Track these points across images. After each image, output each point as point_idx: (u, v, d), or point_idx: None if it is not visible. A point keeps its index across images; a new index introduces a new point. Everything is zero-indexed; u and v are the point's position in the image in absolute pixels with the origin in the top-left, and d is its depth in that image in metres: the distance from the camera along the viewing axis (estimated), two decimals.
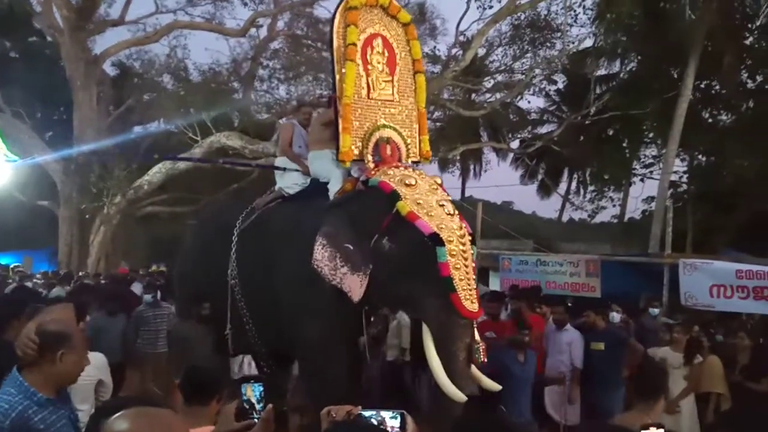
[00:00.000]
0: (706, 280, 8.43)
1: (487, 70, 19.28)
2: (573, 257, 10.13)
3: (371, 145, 4.87)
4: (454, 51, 17.66)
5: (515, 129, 22.72)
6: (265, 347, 5.28)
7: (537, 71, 17.78)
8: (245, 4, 17.16)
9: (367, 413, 1.85)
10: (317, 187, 5.14)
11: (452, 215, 4.25)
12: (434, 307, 4.04)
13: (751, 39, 16.40)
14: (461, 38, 17.39)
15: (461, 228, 4.21)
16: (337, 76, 4.85)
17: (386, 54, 5.11)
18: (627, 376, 6.15)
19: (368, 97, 4.97)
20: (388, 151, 4.85)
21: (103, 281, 11.06)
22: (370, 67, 4.99)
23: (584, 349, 6.06)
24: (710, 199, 17.28)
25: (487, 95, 19.34)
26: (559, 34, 16.58)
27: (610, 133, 19.81)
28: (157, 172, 14.95)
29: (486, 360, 4.19)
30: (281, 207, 5.28)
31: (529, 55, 17.71)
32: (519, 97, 19.18)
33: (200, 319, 5.63)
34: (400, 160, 4.85)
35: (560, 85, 21.86)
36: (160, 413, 1.35)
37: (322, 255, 4.29)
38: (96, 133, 15.56)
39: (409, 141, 5.10)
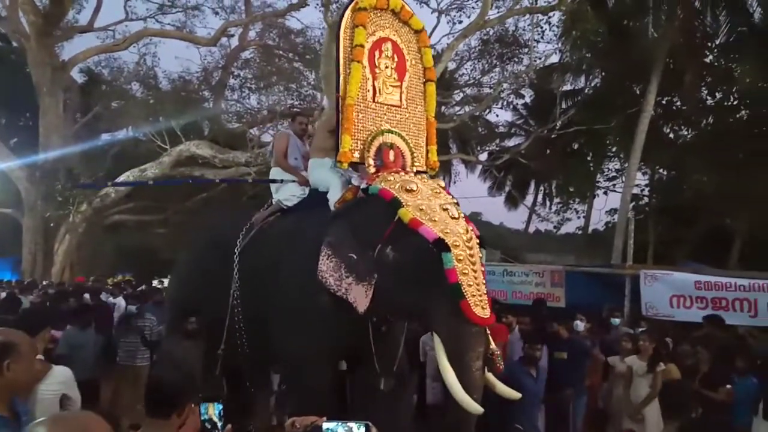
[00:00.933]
0: (667, 290, 8.70)
1: (456, 83, 19.54)
2: (538, 268, 10.34)
3: (373, 149, 4.70)
4: None
5: (484, 142, 23.02)
6: (256, 365, 5.12)
7: (505, 85, 18.10)
8: (216, 14, 17.15)
9: (331, 424, 1.90)
10: (317, 197, 4.97)
11: (457, 219, 4.13)
12: (444, 316, 3.89)
13: (711, 57, 16.92)
14: (432, 52, 17.61)
15: (468, 231, 4.09)
16: (342, 76, 4.70)
17: (396, 59, 4.96)
18: (588, 385, 6.33)
19: (373, 101, 4.81)
20: (391, 157, 4.69)
21: (70, 290, 10.82)
22: (377, 70, 4.84)
23: (548, 358, 6.20)
24: (671, 212, 17.76)
25: (457, 108, 19.61)
26: (526, 50, 16.94)
27: (575, 146, 20.21)
28: (125, 180, 14.76)
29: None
30: (280, 220, 5.12)
31: (497, 69, 18.05)
32: (487, 110, 19.48)
33: (186, 334, 5.40)
34: (404, 168, 4.69)
35: (527, 100, 22.26)
36: (78, 417, 1.37)
37: (327, 266, 4.16)
38: (62, 140, 15.30)
39: (414, 149, 4.94)
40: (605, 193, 21.25)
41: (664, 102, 17.37)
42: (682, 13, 15.02)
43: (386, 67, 4.90)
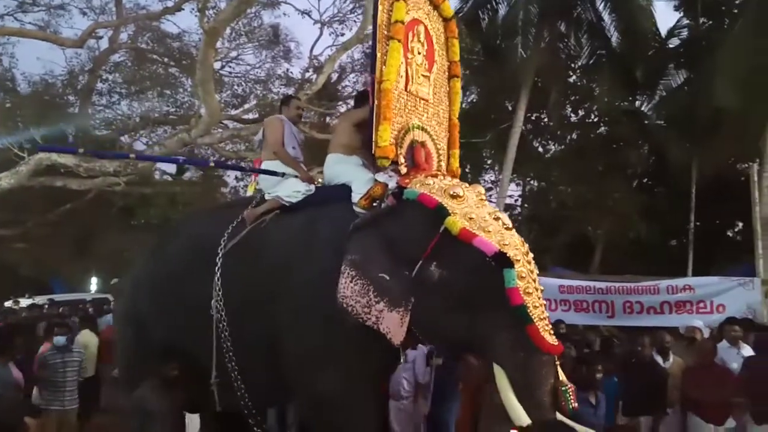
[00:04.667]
0: None
1: (340, 94, 19.62)
2: None
3: (405, 146, 4.04)
4: (307, 75, 17.83)
5: None
6: (254, 401, 4.21)
7: None
8: (84, 14, 16.03)
9: None
10: (327, 193, 4.28)
11: (511, 229, 3.58)
12: (508, 345, 3.31)
13: (574, 77, 18.26)
14: (315, 62, 17.59)
15: (524, 244, 3.57)
16: (378, 55, 3.98)
17: (426, 46, 4.33)
18: (461, 389, 6.52)
19: (406, 90, 4.15)
20: (423, 157, 4.08)
21: None
22: (410, 55, 4.17)
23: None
24: (540, 221, 18.92)
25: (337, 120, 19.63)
26: None
27: None
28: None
29: None
30: (282, 220, 4.21)
31: None
32: None
33: (165, 382, 4.34)
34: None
35: None
36: None
37: (351, 290, 3.45)
38: None
39: (440, 152, 4.36)
40: None
41: (533, 118, 18.45)
42: (548, 35, 16.08)
43: (418, 53, 4.27)
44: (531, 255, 3.55)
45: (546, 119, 18.85)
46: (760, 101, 12.01)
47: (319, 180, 4.54)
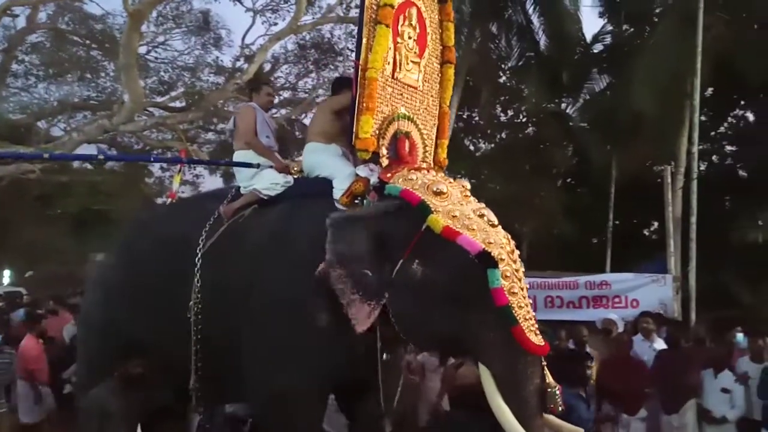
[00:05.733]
0: None
1: (272, 85, 19.32)
2: None
3: (388, 137, 3.93)
4: (238, 63, 17.47)
5: (301, 145, 23.04)
6: (224, 398, 4.20)
7: (321, 91, 18.28)
8: None
9: None
10: (307, 185, 4.15)
11: (496, 227, 3.49)
12: (494, 346, 3.24)
13: (504, 78, 18.69)
14: (246, 51, 17.27)
15: (510, 241, 3.48)
16: (364, 41, 3.82)
17: (418, 30, 4.16)
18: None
19: (392, 77, 3.99)
20: (407, 148, 3.98)
21: None
22: (399, 40, 4.01)
23: None
24: None
25: (273, 110, 19.37)
26: (341, 58, 17.29)
27: None
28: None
29: None
30: (262, 215, 4.08)
31: (313, 74, 18.21)
32: (304, 115, 19.54)
33: (127, 381, 4.12)
34: (416, 164, 4.00)
35: None
36: None
37: (329, 274, 3.42)
38: None
39: (427, 142, 4.25)
40: None
41: (464, 116, 18.77)
42: (480, 36, 16.37)
43: (409, 38, 4.10)
44: (517, 253, 3.49)
45: (477, 118, 19.21)
46: (675, 106, 12.66)
47: (295, 168, 4.45)
